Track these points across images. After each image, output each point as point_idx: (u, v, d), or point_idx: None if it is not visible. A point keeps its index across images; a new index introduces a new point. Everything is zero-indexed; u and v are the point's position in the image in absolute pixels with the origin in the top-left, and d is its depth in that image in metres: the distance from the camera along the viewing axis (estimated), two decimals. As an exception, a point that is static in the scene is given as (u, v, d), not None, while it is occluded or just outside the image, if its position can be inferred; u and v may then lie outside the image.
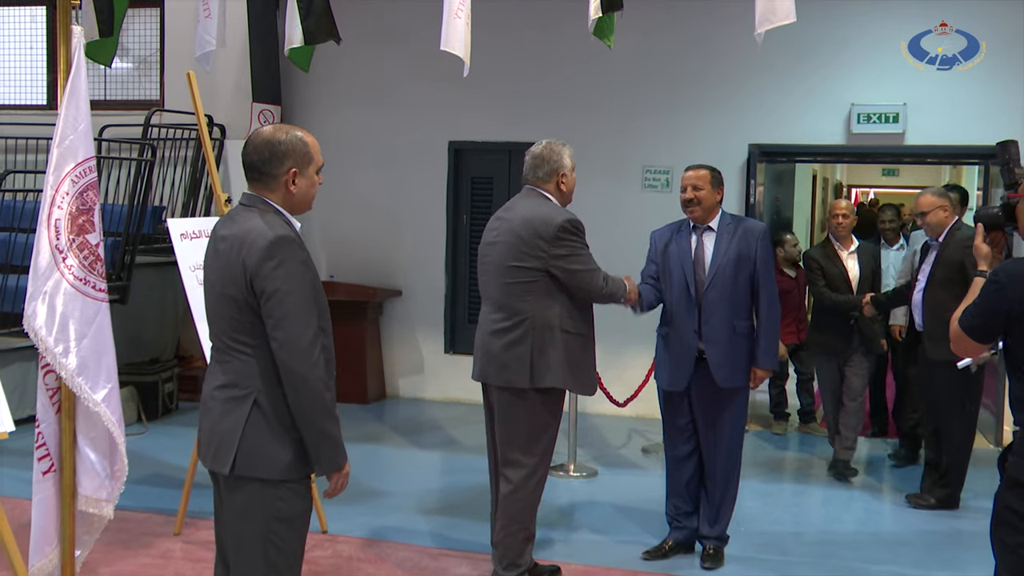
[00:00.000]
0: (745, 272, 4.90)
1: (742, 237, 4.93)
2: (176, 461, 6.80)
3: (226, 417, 3.07)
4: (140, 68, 10.16)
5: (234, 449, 3.04)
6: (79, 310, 3.80)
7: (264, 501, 3.05)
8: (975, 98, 7.88)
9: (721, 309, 4.88)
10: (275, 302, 2.97)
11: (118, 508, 4.08)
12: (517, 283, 4.45)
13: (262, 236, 2.99)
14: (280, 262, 2.97)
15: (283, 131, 3.14)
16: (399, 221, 9.34)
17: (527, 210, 4.50)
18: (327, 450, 3.05)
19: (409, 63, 9.11)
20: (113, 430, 3.88)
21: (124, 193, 8.25)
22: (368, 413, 8.68)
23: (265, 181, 3.12)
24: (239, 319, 3.03)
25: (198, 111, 5.50)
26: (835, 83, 8.20)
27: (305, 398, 2.98)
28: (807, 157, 9.24)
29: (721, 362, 4.89)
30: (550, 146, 4.60)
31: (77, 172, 3.83)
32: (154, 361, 8.56)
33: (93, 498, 3.91)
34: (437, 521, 5.83)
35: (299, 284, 2.99)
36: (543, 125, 8.54)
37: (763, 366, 4.96)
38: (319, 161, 3.20)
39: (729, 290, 4.88)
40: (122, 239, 7.84)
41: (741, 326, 4.92)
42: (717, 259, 4.90)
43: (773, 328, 4.99)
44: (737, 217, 5.11)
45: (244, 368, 3.05)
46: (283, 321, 2.97)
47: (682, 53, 8.54)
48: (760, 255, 4.94)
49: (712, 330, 4.89)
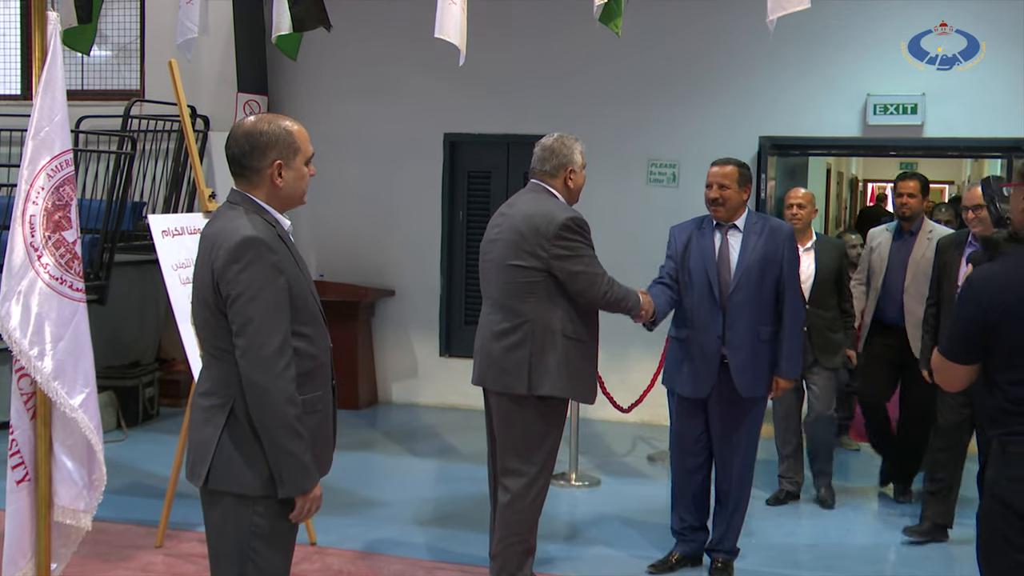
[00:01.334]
0: (771, 275, 4.87)
1: (769, 237, 4.89)
2: (157, 470, 6.79)
3: (204, 427, 3.05)
4: (120, 56, 10.16)
5: (208, 461, 3.01)
6: (55, 311, 3.80)
7: (240, 517, 3.02)
8: (998, 88, 7.87)
9: (746, 313, 4.84)
10: (238, 307, 2.92)
11: (96, 519, 4.08)
12: (518, 283, 4.43)
13: (230, 237, 2.96)
14: (246, 265, 2.93)
15: (266, 121, 3.09)
16: (392, 217, 9.33)
17: (530, 206, 4.48)
18: (290, 471, 2.97)
19: (403, 51, 9.11)
20: (91, 437, 3.87)
21: (103, 188, 8.24)
22: (360, 419, 8.67)
23: (248, 176, 3.09)
24: (214, 323, 3.01)
25: (180, 102, 5.49)
26: (850, 72, 8.19)
27: (266, 412, 2.93)
28: (821, 150, 9.24)
29: (744, 369, 4.85)
30: (561, 139, 4.57)
31: (53, 166, 3.83)
32: (134, 364, 8.56)
33: (70, 508, 3.91)
34: (432, 533, 5.83)
35: (265, 288, 2.93)
36: (543, 116, 8.55)
37: (786, 375, 4.94)
38: (308, 151, 3.14)
39: (755, 293, 4.84)
40: (100, 236, 7.83)
41: (765, 332, 4.89)
42: (744, 260, 4.86)
43: (797, 335, 4.96)
44: (763, 216, 5.07)
45: (222, 375, 3.02)
46: (245, 328, 2.92)
47: (690, 40, 8.54)
48: (787, 257, 4.91)
49: (736, 336, 4.84)
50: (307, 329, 3.07)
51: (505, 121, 8.94)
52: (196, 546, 5.38)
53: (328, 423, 3.23)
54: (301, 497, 3.02)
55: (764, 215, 5.05)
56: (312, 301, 3.12)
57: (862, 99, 8.15)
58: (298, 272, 3.08)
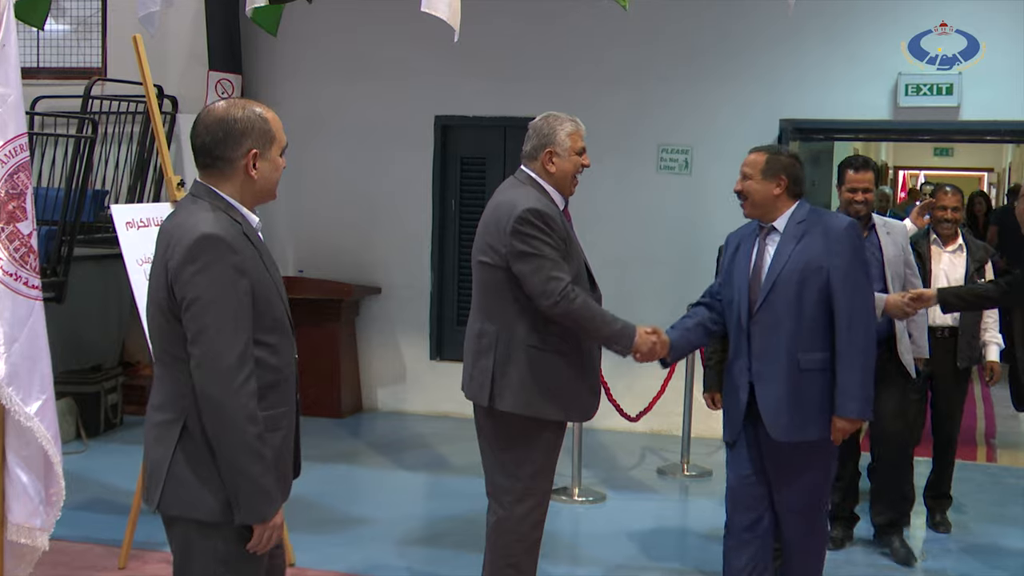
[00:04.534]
0: (814, 285, 4.26)
1: (815, 239, 4.30)
2: (121, 484, 6.80)
3: (156, 445, 3.02)
4: (79, 31, 10.15)
5: (161, 484, 2.98)
6: (9, 310, 3.80)
7: (203, 543, 2.99)
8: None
9: (777, 336, 4.28)
10: (193, 312, 2.89)
11: (54, 538, 4.09)
12: (485, 282, 4.33)
13: (188, 234, 2.92)
14: (204, 265, 2.89)
15: (239, 107, 3.07)
16: (378, 208, 9.34)
17: (502, 195, 4.39)
18: (247, 496, 2.92)
19: (391, 26, 9.11)
20: (48, 448, 3.88)
21: (61, 175, 8.24)
22: (342, 428, 8.68)
23: (220, 167, 3.05)
24: (167, 328, 2.98)
25: (146, 81, 5.49)
26: (880, 49, 8.20)
27: (222, 430, 2.88)
28: (847, 134, 9.24)
29: (776, 407, 4.29)
30: (547, 118, 4.42)
31: (6, 151, 3.84)
32: (95, 369, 8.56)
33: (25, 526, 3.91)
34: (421, 553, 5.84)
35: (224, 292, 2.89)
36: (543, 97, 8.51)
37: (844, 413, 4.28)
38: (282, 140, 3.13)
39: (790, 310, 4.26)
40: (59, 228, 7.83)
41: (810, 360, 4.28)
42: (775, 270, 4.30)
43: (857, 360, 4.28)
44: (817, 212, 4.44)
45: (175, 387, 2.98)
46: (200, 335, 2.88)
47: (703, 15, 8.54)
48: (841, 260, 4.27)
49: (764, 364, 4.32)
50: (271, 338, 3.03)
51: (501, 103, 8.94)
52: (162, 567, 5.39)
53: (291, 442, 3.18)
54: (259, 525, 2.97)
55: (819, 211, 4.46)
56: (279, 306, 3.09)
57: (892, 78, 8.16)
58: (265, 274, 3.05)
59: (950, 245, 6.24)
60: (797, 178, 4.39)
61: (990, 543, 6.22)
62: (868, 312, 4.35)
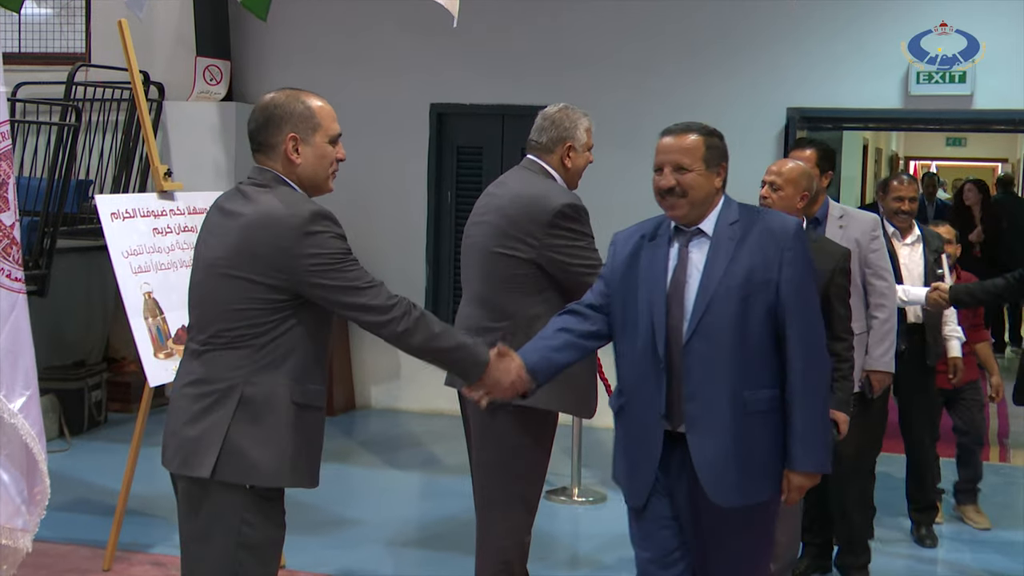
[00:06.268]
0: (760, 304, 3.46)
1: (757, 244, 3.50)
2: (106, 483, 6.81)
3: (205, 414, 3.17)
4: (62, 15, 10.14)
5: (215, 451, 3.13)
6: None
7: (231, 519, 3.14)
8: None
9: (717, 371, 3.45)
10: (325, 274, 3.23)
11: (37, 539, 4.11)
12: (500, 274, 4.36)
13: (296, 215, 3.16)
14: (325, 238, 3.22)
15: (284, 94, 3.31)
16: (371, 199, 9.34)
17: (521, 185, 4.40)
18: (460, 365, 3.53)
19: (385, 11, 9.11)
20: (32, 446, 3.90)
21: (43, 164, 8.24)
22: (334, 427, 8.69)
23: (265, 152, 3.28)
24: (242, 309, 3.17)
25: (132, 67, 5.49)
26: (890, 36, 8.21)
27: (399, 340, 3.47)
28: (857, 124, 9.27)
29: (720, 465, 3.46)
30: (566, 110, 4.46)
31: (-12, 139, 3.84)
32: (79, 365, 8.57)
33: (7, 527, 3.93)
34: (414, 555, 5.86)
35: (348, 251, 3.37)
36: (542, 85, 8.55)
37: (803, 467, 3.51)
38: (331, 129, 3.35)
39: (733, 336, 3.45)
40: (41, 219, 7.83)
41: (758, 400, 3.49)
42: (708, 285, 3.46)
43: (816, 398, 3.52)
44: (750, 209, 3.63)
45: (230, 362, 3.17)
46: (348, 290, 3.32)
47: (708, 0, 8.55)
48: (793, 272, 3.49)
49: (701, 408, 3.47)
50: (324, 314, 3.32)
51: (499, 91, 8.94)
52: (149, 569, 5.40)
53: (322, 421, 3.42)
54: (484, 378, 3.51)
55: (754, 208, 3.67)
56: None
57: (904, 66, 8.17)
58: None
59: (907, 236, 6.00)
60: (726, 164, 3.65)
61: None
62: (822, 336, 3.60)
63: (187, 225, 5.65)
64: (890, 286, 5.31)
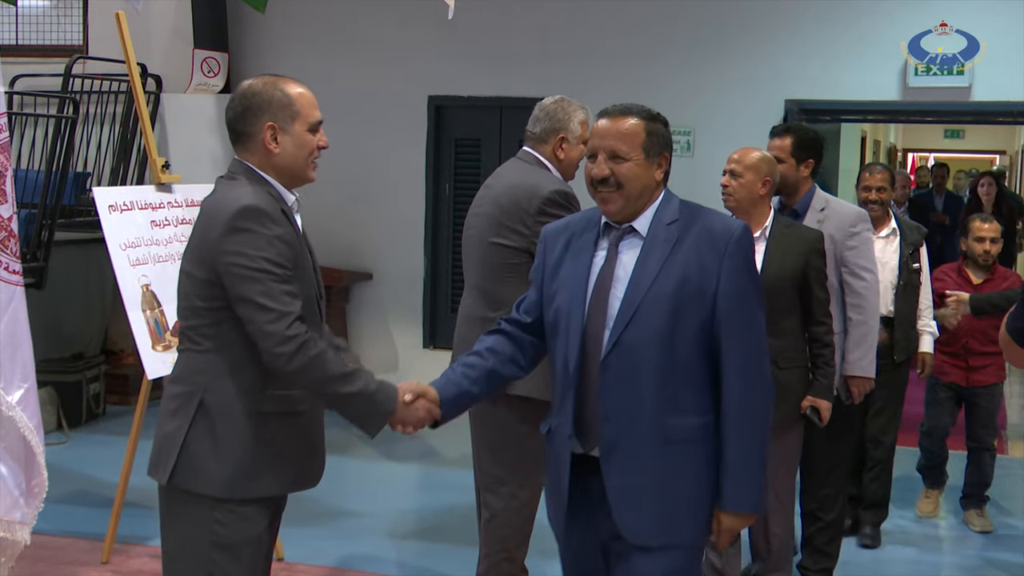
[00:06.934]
0: (693, 316, 3.03)
1: (695, 248, 3.07)
2: (104, 476, 6.81)
3: (171, 418, 3.11)
4: (59, 7, 10.12)
5: (173, 457, 3.07)
6: (-12, 296, 3.81)
7: (205, 519, 3.07)
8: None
9: (637, 390, 3.03)
10: (232, 279, 3.00)
11: (35, 532, 4.10)
12: (496, 264, 4.37)
13: (229, 207, 3.03)
14: (247, 236, 3.00)
15: (262, 81, 3.20)
16: (369, 191, 9.33)
17: (514, 175, 4.43)
18: (358, 413, 3.17)
19: (383, 3, 9.09)
20: (30, 438, 3.89)
21: (41, 157, 8.23)
22: (332, 419, 8.62)
23: (243, 142, 3.18)
24: (197, 304, 3.08)
25: (129, 59, 5.48)
26: (889, 32, 8.20)
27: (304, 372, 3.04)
28: (855, 116, 9.26)
29: (636, 499, 3.06)
30: (561, 102, 4.50)
31: (-15, 132, 3.84)
32: (77, 357, 8.57)
33: (5, 520, 3.93)
34: (414, 547, 5.86)
35: (268, 257, 3.01)
36: (540, 77, 8.54)
37: (736, 507, 3.08)
38: (311, 116, 3.22)
39: (659, 351, 3.02)
40: (39, 211, 7.82)
41: (684, 427, 3.06)
42: (636, 291, 3.04)
43: (754, 428, 3.08)
44: (691, 207, 3.20)
45: (195, 362, 3.10)
46: (247, 301, 3.00)
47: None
48: (733, 282, 3.06)
49: (618, 432, 3.05)
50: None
51: (497, 83, 8.93)
52: (147, 562, 5.40)
53: (318, 426, 3.32)
54: (392, 422, 3.18)
55: (697, 207, 3.22)
56: (311, 289, 3.19)
57: (902, 57, 8.16)
58: (303, 253, 3.18)
59: (882, 229, 5.82)
60: (671, 154, 3.25)
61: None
62: (765, 357, 3.12)
63: (185, 217, 5.64)
64: (869, 285, 5.01)
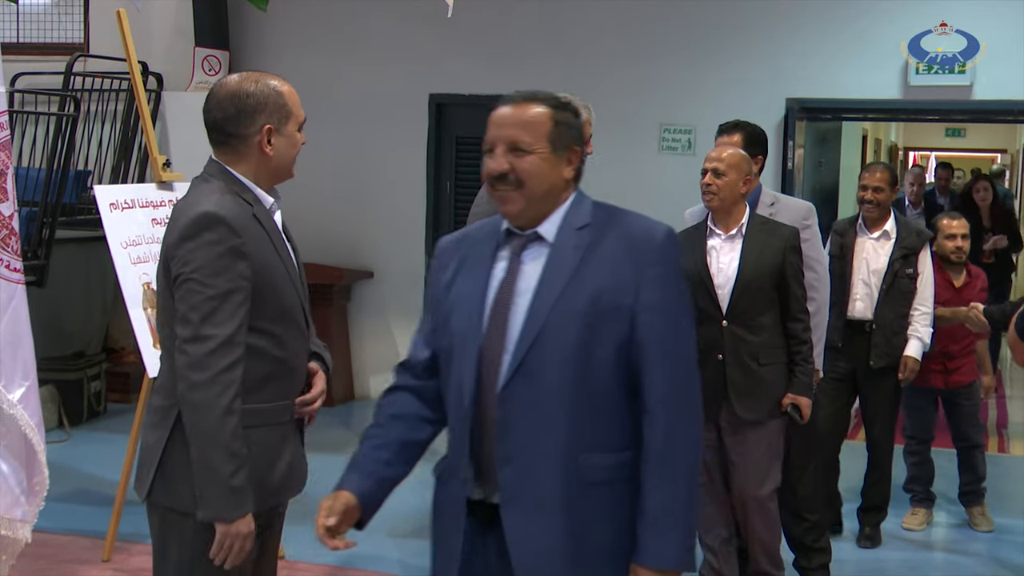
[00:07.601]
0: (609, 337, 2.57)
1: (610, 256, 2.63)
2: (105, 474, 6.81)
3: (152, 430, 3.01)
4: (60, 5, 10.12)
5: (153, 470, 2.97)
6: (-11, 294, 3.81)
7: (183, 535, 2.97)
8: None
9: (543, 425, 2.57)
10: (182, 292, 2.85)
11: (36, 530, 4.10)
12: None
13: (189, 212, 2.90)
14: (199, 244, 2.84)
15: (251, 80, 3.05)
16: (370, 189, 9.33)
17: None
18: (210, 492, 2.83)
19: (383, 1, 9.09)
20: (31, 436, 3.89)
21: (42, 155, 8.23)
22: (332, 417, 8.68)
23: (233, 144, 3.02)
24: (168, 309, 2.96)
25: (130, 57, 5.48)
26: (890, 31, 8.20)
27: (195, 417, 2.82)
28: (856, 114, 9.24)
29: (544, 555, 2.58)
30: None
31: (-14, 130, 3.84)
32: (78, 355, 8.57)
33: (6, 518, 3.92)
34: (413, 546, 5.85)
35: (216, 273, 2.83)
36: (542, 75, 8.51)
37: (652, 562, 2.55)
38: (300, 115, 3.13)
39: (568, 379, 2.57)
40: (40, 209, 7.82)
41: (601, 466, 2.59)
42: (540, 309, 2.58)
43: (680, 465, 2.58)
44: (607, 210, 2.78)
45: (173, 372, 2.93)
46: (186, 317, 2.84)
47: (708, -11, 8.54)
48: (656, 295, 2.59)
49: (519, 474, 2.60)
50: (276, 328, 2.99)
51: (498, 81, 8.90)
52: (147, 560, 5.33)
53: (295, 441, 3.18)
54: (222, 527, 2.86)
55: (615, 210, 2.80)
56: (289, 295, 3.05)
57: (902, 57, 8.15)
58: (275, 260, 3.01)
59: (875, 230, 5.84)
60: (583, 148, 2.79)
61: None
62: (694, 380, 2.64)
63: (186, 215, 5.63)
64: (819, 277, 5.00)
